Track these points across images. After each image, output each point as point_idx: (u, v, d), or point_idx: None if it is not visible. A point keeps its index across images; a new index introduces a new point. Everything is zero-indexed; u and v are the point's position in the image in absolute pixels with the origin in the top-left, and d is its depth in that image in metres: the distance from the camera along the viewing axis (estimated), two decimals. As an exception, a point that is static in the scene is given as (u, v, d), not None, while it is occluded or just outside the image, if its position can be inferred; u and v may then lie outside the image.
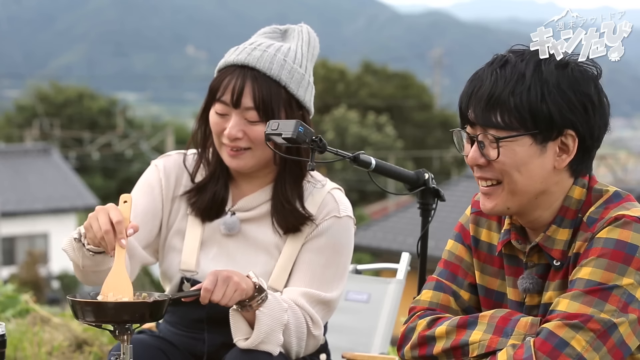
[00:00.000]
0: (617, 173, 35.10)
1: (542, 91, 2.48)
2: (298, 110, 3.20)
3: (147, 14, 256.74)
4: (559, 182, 2.56)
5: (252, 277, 2.98)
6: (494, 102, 2.50)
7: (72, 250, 3.04)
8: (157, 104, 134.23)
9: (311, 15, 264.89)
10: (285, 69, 3.17)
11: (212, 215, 3.27)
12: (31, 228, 35.62)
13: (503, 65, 2.52)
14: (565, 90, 2.48)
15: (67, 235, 3.07)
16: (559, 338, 2.40)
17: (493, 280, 2.71)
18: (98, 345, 5.51)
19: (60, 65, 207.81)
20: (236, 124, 3.16)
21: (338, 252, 3.21)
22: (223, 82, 3.17)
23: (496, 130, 2.51)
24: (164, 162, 3.34)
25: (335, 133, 43.29)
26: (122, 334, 2.73)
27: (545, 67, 2.50)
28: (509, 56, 2.54)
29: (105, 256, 3.00)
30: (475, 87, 2.54)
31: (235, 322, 3.04)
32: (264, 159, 3.20)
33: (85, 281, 3.16)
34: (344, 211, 3.23)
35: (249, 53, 3.17)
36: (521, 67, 2.50)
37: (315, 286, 3.17)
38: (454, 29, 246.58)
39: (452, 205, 19.61)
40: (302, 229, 3.20)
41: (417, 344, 2.63)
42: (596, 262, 2.46)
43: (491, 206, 2.58)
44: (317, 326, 3.16)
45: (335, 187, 3.28)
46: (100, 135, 49.11)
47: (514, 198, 2.55)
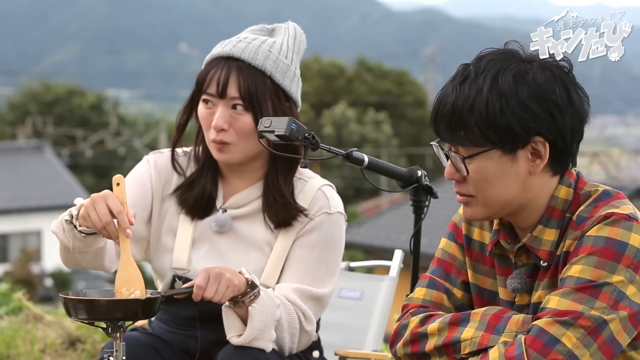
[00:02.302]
0: (610, 170, 35.14)
1: (500, 105, 2.46)
2: (285, 101, 3.21)
3: (140, 11, 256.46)
4: (542, 184, 2.55)
5: (245, 273, 2.98)
6: (456, 121, 2.50)
7: (62, 232, 3.01)
8: (150, 102, 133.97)
9: (304, 12, 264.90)
10: (270, 59, 3.18)
11: (202, 212, 3.27)
12: (24, 225, 35.58)
13: (463, 81, 2.51)
14: (525, 101, 2.46)
15: (56, 219, 3.04)
16: (550, 335, 2.41)
17: (485, 279, 2.71)
18: (91, 343, 5.51)
19: (53, 63, 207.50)
20: (222, 114, 3.16)
21: (329, 248, 3.21)
22: (209, 74, 3.19)
23: (463, 147, 2.52)
24: (155, 158, 3.35)
25: (334, 129, 43.29)
26: (115, 332, 2.73)
27: (502, 79, 2.47)
28: (469, 70, 2.52)
29: (96, 236, 2.98)
30: (440, 105, 2.54)
31: (228, 318, 3.04)
32: (250, 152, 3.20)
33: (68, 263, 3.12)
34: (335, 207, 3.23)
35: (234, 45, 3.20)
36: (479, 82, 2.48)
37: (307, 282, 3.17)
38: (447, 26, 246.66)
39: (445, 203, 19.62)
40: (294, 223, 3.20)
41: (409, 341, 2.64)
42: (586, 260, 2.46)
43: (470, 214, 2.60)
44: (310, 322, 3.16)
45: (326, 184, 3.28)
46: (93, 133, 49.07)
47: (491, 209, 2.57)
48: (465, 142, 2.51)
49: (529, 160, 2.51)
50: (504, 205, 2.55)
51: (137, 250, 3.31)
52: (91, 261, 3.09)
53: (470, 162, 2.52)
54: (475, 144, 2.50)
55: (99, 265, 3.12)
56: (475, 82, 2.49)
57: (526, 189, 2.54)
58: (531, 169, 2.52)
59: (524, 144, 2.49)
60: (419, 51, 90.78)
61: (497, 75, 2.48)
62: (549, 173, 2.55)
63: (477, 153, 2.50)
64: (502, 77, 2.48)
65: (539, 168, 2.52)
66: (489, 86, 2.47)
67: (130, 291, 2.78)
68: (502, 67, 2.49)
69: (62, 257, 3.13)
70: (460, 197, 2.60)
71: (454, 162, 2.55)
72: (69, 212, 2.98)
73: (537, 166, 2.52)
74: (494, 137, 2.48)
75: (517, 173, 2.52)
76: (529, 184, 2.54)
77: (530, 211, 2.57)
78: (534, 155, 2.51)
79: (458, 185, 2.58)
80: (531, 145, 2.50)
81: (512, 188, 2.53)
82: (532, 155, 2.51)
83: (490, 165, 2.51)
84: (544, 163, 2.51)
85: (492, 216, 2.60)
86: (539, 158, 2.51)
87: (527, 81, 2.48)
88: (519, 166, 2.51)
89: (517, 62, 2.51)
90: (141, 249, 3.32)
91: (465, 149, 2.52)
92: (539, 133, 2.48)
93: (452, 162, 2.56)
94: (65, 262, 3.14)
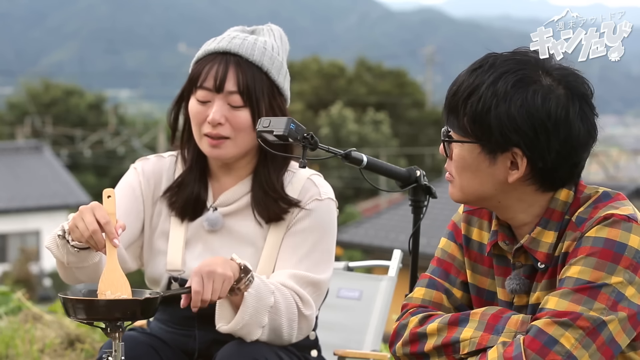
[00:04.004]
0: (609, 170, 35.18)
1: (490, 104, 2.46)
2: (279, 97, 3.22)
3: (138, 11, 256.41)
4: (524, 193, 2.54)
5: (236, 259, 2.97)
6: (453, 107, 2.53)
7: (56, 247, 3.03)
8: (149, 101, 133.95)
9: (302, 12, 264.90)
10: (266, 55, 3.20)
11: (192, 213, 3.27)
12: (23, 225, 35.58)
13: (476, 69, 2.52)
14: (513, 110, 2.45)
15: (50, 233, 3.06)
16: (548, 335, 2.41)
17: (484, 279, 2.71)
18: (90, 343, 5.51)
19: (51, 63, 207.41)
20: (219, 108, 3.16)
21: (322, 234, 3.21)
22: (204, 69, 3.19)
23: (454, 132, 2.55)
24: (142, 165, 3.35)
25: (330, 129, 43.27)
26: (114, 332, 2.73)
27: (503, 81, 2.47)
28: (487, 61, 2.52)
29: (90, 251, 2.99)
30: (451, 85, 2.57)
31: (220, 309, 3.03)
32: (245, 147, 3.21)
33: (67, 279, 3.14)
34: (325, 194, 3.24)
35: (229, 41, 3.20)
36: (485, 75, 2.49)
37: (303, 268, 3.16)
38: (446, 26, 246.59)
39: (444, 203, 19.62)
40: (285, 217, 3.21)
41: (408, 341, 2.64)
42: (585, 261, 2.46)
43: (450, 193, 2.63)
44: (308, 306, 3.14)
45: (314, 173, 3.29)
46: (91, 133, 49.06)
47: (467, 196, 2.59)
48: (454, 127, 2.54)
49: (507, 168, 2.51)
50: (479, 197, 2.58)
51: (132, 258, 3.31)
52: (89, 276, 3.10)
53: (455, 145, 2.55)
54: (463, 133, 2.52)
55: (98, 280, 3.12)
56: (483, 74, 2.50)
57: (504, 192, 2.55)
58: (508, 177, 2.52)
59: (503, 150, 2.49)
60: (417, 51, 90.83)
61: (501, 76, 2.48)
62: (533, 187, 2.54)
63: (458, 141, 2.54)
64: (505, 78, 2.47)
65: (513, 178, 2.51)
66: (489, 83, 2.48)
67: (115, 295, 2.77)
68: (512, 70, 2.48)
69: (61, 273, 3.15)
70: (446, 175, 2.64)
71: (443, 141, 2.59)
72: (61, 228, 2.99)
73: (512, 176, 2.51)
74: (478, 132, 2.49)
75: (493, 175, 2.53)
76: (506, 188, 2.54)
77: (517, 211, 2.58)
78: (512, 164, 2.51)
79: (447, 162, 2.62)
80: (511, 154, 2.50)
81: (488, 186, 2.54)
82: (511, 164, 2.51)
83: (468, 157, 2.53)
84: (519, 175, 2.51)
85: (469, 202, 2.63)
86: (516, 169, 2.51)
87: (526, 92, 2.46)
88: (497, 169, 2.52)
89: (531, 70, 2.49)
90: (135, 256, 3.33)
91: (454, 133, 2.55)
92: (517, 145, 2.47)
93: (442, 140, 2.60)
94: (64, 277, 3.15)
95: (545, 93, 2.46)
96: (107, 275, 2.80)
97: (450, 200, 2.62)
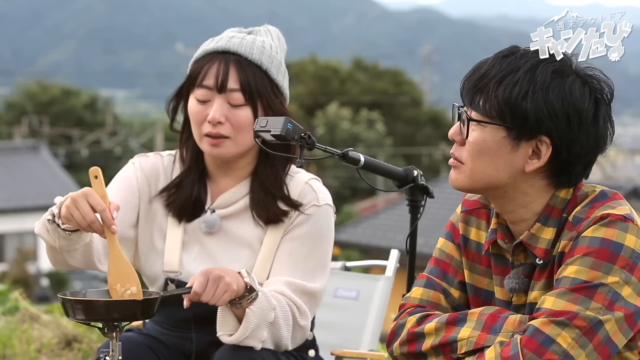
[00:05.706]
0: (607, 170, 35.20)
1: (527, 89, 2.48)
2: (279, 96, 3.22)
3: (136, 11, 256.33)
4: (532, 186, 2.56)
5: (245, 277, 2.96)
6: (482, 87, 2.52)
7: (46, 232, 2.98)
8: (146, 101, 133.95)
9: (300, 12, 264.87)
10: (265, 54, 3.19)
11: (189, 214, 3.26)
12: (20, 225, 35.54)
13: (506, 55, 2.54)
14: (551, 96, 2.47)
15: (39, 220, 3.02)
16: (545, 335, 2.41)
17: (481, 279, 2.72)
18: (87, 343, 5.51)
19: (49, 63, 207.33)
20: (220, 107, 3.16)
21: (319, 241, 3.20)
22: (204, 68, 3.18)
23: (476, 113, 2.53)
24: (140, 161, 3.33)
25: (326, 129, 43.28)
26: (111, 332, 2.72)
27: (541, 68, 2.49)
28: (517, 50, 2.55)
29: (81, 233, 2.96)
30: (475, 69, 2.57)
31: (222, 316, 3.02)
32: (245, 146, 3.20)
33: (57, 264, 3.10)
34: (323, 199, 3.23)
35: (227, 40, 3.20)
36: (520, 62, 2.51)
37: (298, 276, 3.15)
38: (443, 26, 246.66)
39: (441, 203, 19.62)
40: (284, 219, 3.20)
41: (406, 341, 2.64)
42: (582, 261, 2.46)
43: (453, 179, 2.61)
44: (304, 316, 3.14)
45: (313, 177, 3.28)
46: (89, 133, 49.06)
47: (474, 182, 2.57)
48: (478, 108, 2.53)
49: (527, 156, 2.52)
50: (487, 184, 2.56)
51: (125, 254, 3.29)
52: (80, 259, 3.07)
53: (474, 128, 2.53)
54: (487, 115, 2.51)
55: (88, 264, 3.10)
56: (517, 60, 2.51)
57: (515, 182, 2.55)
58: (526, 166, 2.53)
59: (530, 137, 2.50)
60: (415, 51, 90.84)
61: (539, 64, 2.50)
62: (545, 181, 2.55)
63: (484, 121, 2.52)
64: (543, 67, 2.50)
65: (532, 168, 2.52)
66: (526, 69, 2.49)
67: (125, 287, 2.77)
68: (548, 61, 2.51)
69: (50, 259, 3.10)
70: (451, 160, 2.62)
71: (462, 122, 2.57)
72: (50, 212, 2.95)
73: (531, 165, 2.52)
74: (508, 117, 2.49)
75: (512, 162, 2.52)
76: (519, 178, 2.54)
77: (519, 205, 2.57)
78: (534, 153, 2.51)
79: (455, 147, 2.60)
80: (536, 142, 2.50)
81: (502, 173, 2.54)
82: (533, 154, 2.51)
83: (490, 140, 2.52)
84: (539, 165, 2.51)
85: (472, 190, 2.61)
86: (537, 159, 2.52)
87: (564, 82, 2.49)
88: (517, 157, 2.52)
89: (563, 65, 2.52)
90: (129, 253, 3.31)
91: (477, 114, 2.53)
92: (549, 133, 2.49)
93: (460, 122, 2.57)
94: (54, 263, 3.11)
95: (580, 87, 2.50)
96: (113, 267, 2.79)
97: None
